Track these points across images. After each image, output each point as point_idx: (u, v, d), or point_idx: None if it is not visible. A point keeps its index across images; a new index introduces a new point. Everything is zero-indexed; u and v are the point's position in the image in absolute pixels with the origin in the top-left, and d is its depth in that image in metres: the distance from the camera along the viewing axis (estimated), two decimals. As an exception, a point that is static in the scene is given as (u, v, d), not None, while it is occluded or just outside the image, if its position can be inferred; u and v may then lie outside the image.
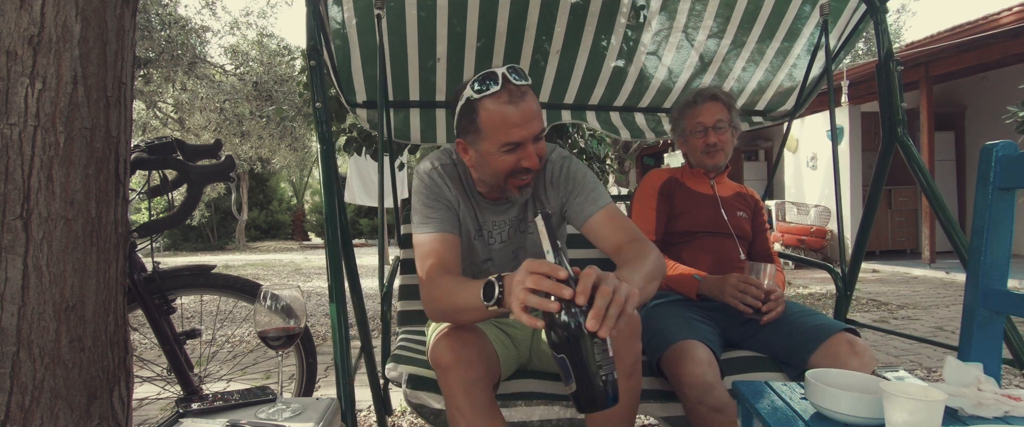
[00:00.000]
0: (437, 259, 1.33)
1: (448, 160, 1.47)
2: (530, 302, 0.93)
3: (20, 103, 1.18)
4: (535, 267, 0.96)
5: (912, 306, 5.04)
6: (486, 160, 1.33)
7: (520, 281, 0.96)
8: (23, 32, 1.18)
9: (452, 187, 1.44)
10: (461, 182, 1.47)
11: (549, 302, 0.92)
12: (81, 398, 1.26)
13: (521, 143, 1.28)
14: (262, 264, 10.67)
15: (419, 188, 1.42)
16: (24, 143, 1.19)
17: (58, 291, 1.22)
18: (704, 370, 1.42)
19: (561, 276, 0.93)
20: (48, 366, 1.21)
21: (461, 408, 1.24)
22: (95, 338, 1.29)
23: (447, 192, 1.42)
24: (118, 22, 1.31)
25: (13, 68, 1.18)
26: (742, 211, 1.96)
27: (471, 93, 1.27)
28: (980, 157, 1.14)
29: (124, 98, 1.36)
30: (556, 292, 0.92)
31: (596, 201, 1.42)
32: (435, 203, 1.40)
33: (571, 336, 0.92)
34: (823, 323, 1.56)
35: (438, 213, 1.39)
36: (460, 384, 1.23)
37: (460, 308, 1.19)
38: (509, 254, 1.54)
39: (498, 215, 1.49)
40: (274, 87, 9.17)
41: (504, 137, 1.27)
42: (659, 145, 11.97)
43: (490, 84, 1.25)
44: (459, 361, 1.23)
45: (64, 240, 1.23)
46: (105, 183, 1.30)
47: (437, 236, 1.36)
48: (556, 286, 0.93)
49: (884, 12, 1.92)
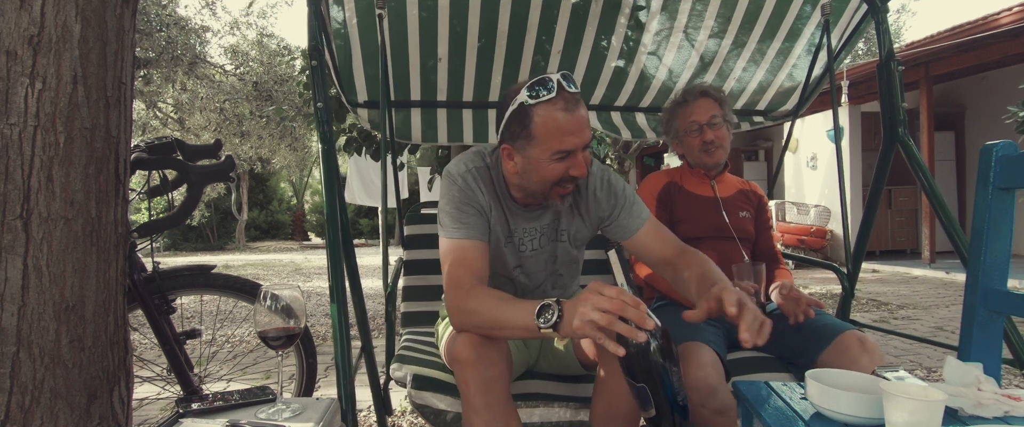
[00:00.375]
0: (468, 268, 1.29)
1: (481, 163, 1.42)
2: (619, 329, 0.94)
3: (20, 103, 1.18)
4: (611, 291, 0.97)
5: (912, 306, 5.04)
6: (534, 167, 1.29)
7: (595, 304, 0.96)
8: (23, 32, 1.18)
9: (485, 191, 1.39)
10: (494, 186, 1.42)
11: (636, 331, 0.94)
12: (81, 398, 1.26)
13: (572, 151, 1.26)
14: (262, 264, 10.67)
15: (451, 191, 1.37)
16: (24, 143, 1.19)
17: (58, 291, 1.22)
18: (708, 373, 1.41)
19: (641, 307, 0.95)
20: (48, 366, 1.21)
21: (477, 406, 1.23)
22: (95, 338, 1.29)
23: (480, 197, 1.38)
24: (118, 22, 1.31)
25: (13, 68, 1.18)
26: (745, 210, 1.91)
27: (525, 98, 1.23)
28: (980, 157, 1.14)
29: (124, 98, 1.36)
30: (640, 322, 0.94)
31: (639, 215, 1.44)
32: (467, 208, 1.35)
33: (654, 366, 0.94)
34: (831, 322, 1.56)
35: (470, 219, 1.35)
36: (478, 381, 1.22)
37: (502, 324, 1.17)
38: (540, 262, 1.49)
39: (530, 222, 1.45)
40: (274, 87, 9.18)
41: (558, 144, 1.24)
42: (659, 145, 11.96)
43: (545, 90, 1.22)
44: (479, 358, 1.22)
45: (64, 240, 1.23)
46: (105, 183, 1.30)
47: (468, 243, 1.32)
48: (640, 315, 0.94)
49: (885, 12, 1.92)
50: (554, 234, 1.49)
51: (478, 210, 1.37)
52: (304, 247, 17.11)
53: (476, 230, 1.34)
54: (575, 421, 1.48)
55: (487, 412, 1.22)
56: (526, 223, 1.45)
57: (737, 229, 1.87)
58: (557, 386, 1.53)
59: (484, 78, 2.38)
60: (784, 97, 2.66)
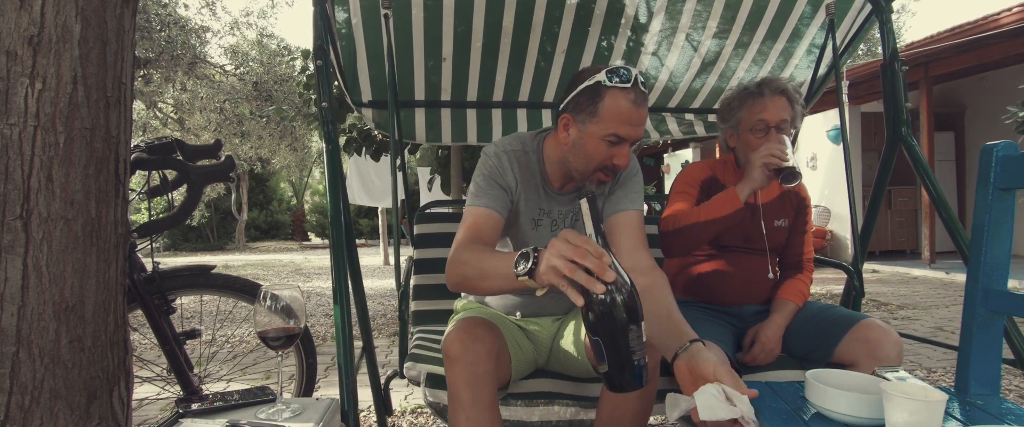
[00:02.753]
0: (473, 231, 1.37)
1: (519, 147, 1.49)
2: (577, 278, 0.92)
3: (20, 103, 1.18)
4: (577, 240, 0.95)
5: (912, 306, 5.04)
6: (585, 143, 1.35)
7: (559, 251, 0.94)
8: (23, 32, 1.18)
9: (517, 172, 1.47)
10: (529, 169, 1.49)
11: (594, 281, 0.91)
12: (81, 398, 1.26)
13: (625, 140, 1.33)
14: (262, 264, 10.67)
15: (482, 165, 1.46)
16: (24, 143, 1.19)
17: (58, 291, 1.22)
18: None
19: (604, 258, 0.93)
20: (48, 366, 1.21)
21: (462, 401, 1.24)
22: (95, 338, 1.29)
23: (508, 175, 1.46)
24: (118, 22, 1.31)
25: (13, 68, 1.18)
26: (781, 218, 1.77)
27: (603, 78, 1.30)
28: (981, 157, 1.14)
29: (124, 98, 1.36)
30: (600, 273, 0.91)
31: (634, 201, 1.48)
32: (493, 182, 1.43)
33: (615, 322, 0.93)
34: (845, 313, 1.55)
35: (493, 192, 1.42)
36: (464, 377, 1.23)
37: (487, 274, 1.17)
38: None
39: (564, 205, 1.53)
40: (274, 87, 9.17)
41: (616, 128, 1.31)
42: (659, 145, 11.96)
43: (625, 78, 1.29)
44: (466, 353, 1.24)
45: (64, 240, 1.23)
46: (105, 183, 1.30)
47: (483, 211, 1.40)
48: (601, 266, 0.91)
49: (889, 12, 1.92)
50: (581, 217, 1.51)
51: (503, 187, 1.44)
52: (304, 247, 17.11)
53: (495, 202, 1.42)
54: (576, 420, 1.48)
55: (472, 407, 1.23)
56: (560, 206, 1.52)
57: (771, 239, 1.74)
58: (564, 385, 1.52)
59: (488, 78, 2.38)
60: (784, 97, 2.66)
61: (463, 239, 1.36)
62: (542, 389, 1.51)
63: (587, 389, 1.50)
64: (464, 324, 1.30)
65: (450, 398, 1.28)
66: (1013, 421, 1.00)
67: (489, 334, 1.30)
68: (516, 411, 1.46)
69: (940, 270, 7.11)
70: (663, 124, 2.76)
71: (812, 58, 2.40)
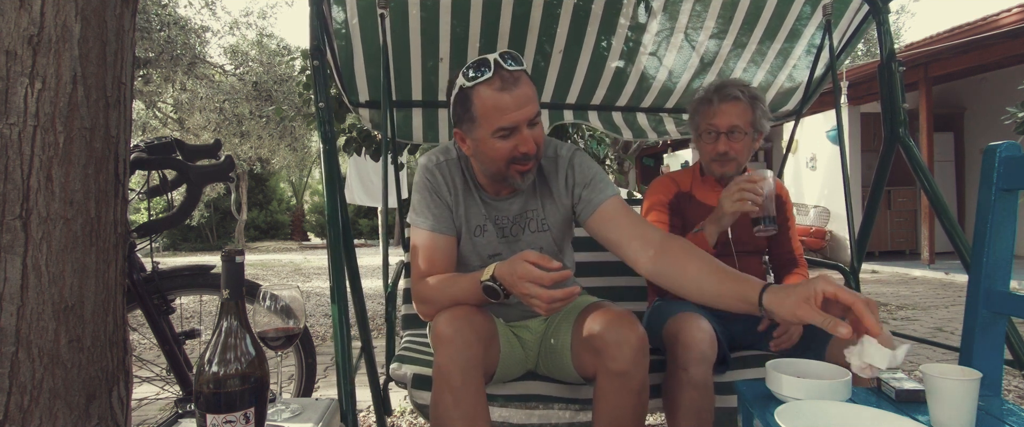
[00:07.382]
0: (428, 264, 1.39)
1: (451, 155, 1.48)
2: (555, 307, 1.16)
3: (19, 103, 1.18)
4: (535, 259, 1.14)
5: (911, 307, 5.04)
6: (482, 148, 1.33)
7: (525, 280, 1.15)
8: (23, 32, 1.18)
9: (452, 184, 1.45)
10: (463, 176, 1.47)
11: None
12: (80, 398, 1.26)
13: (516, 127, 1.28)
14: (261, 264, 10.65)
15: (418, 182, 1.45)
16: (23, 143, 1.18)
17: (57, 291, 1.22)
18: (702, 338, 1.37)
19: (555, 266, 1.09)
20: (47, 366, 1.21)
21: (451, 383, 1.22)
22: (94, 338, 1.28)
23: (445, 190, 1.44)
24: (118, 22, 1.31)
25: (13, 68, 1.17)
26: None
27: (464, 81, 1.28)
28: (983, 158, 1.14)
29: (124, 98, 1.35)
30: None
31: (604, 190, 1.43)
32: (431, 201, 1.42)
33: None
34: None
35: (434, 210, 1.42)
36: (454, 359, 1.22)
37: (457, 299, 1.27)
38: (516, 250, 1.50)
39: (501, 210, 1.49)
40: (274, 87, 9.16)
41: (497, 122, 1.26)
42: (659, 145, 11.97)
43: (482, 71, 1.25)
44: (458, 335, 1.23)
45: (63, 240, 1.22)
46: (104, 183, 1.30)
47: (429, 235, 1.41)
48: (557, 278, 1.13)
49: (886, 12, 1.92)
50: (523, 221, 1.50)
51: (442, 203, 1.43)
52: (303, 247, 17.10)
53: (440, 222, 1.41)
54: (575, 422, 1.48)
55: (463, 391, 1.22)
56: (498, 212, 1.48)
57: (746, 244, 1.73)
58: (557, 388, 1.52)
59: None
60: (784, 98, 2.66)
61: (422, 273, 1.37)
62: (537, 392, 1.50)
63: (581, 392, 1.50)
64: (457, 308, 1.30)
65: (436, 380, 1.26)
66: (1015, 423, 1.00)
67: (482, 320, 1.30)
68: (513, 414, 1.45)
69: (939, 271, 7.11)
70: (661, 125, 2.76)
71: (811, 58, 2.40)
